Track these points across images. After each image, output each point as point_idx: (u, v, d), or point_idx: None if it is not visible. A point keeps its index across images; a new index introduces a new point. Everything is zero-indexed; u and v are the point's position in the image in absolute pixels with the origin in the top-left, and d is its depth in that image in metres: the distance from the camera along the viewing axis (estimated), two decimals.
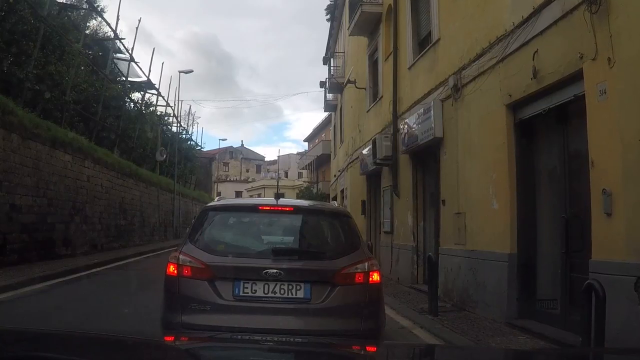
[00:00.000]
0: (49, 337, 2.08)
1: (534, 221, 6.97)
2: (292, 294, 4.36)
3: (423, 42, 11.03)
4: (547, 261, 6.79)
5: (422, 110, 9.99)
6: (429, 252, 10.52)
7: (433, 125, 9.28)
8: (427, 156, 10.56)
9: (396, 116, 11.96)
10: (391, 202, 12.46)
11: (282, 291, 4.36)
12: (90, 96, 20.13)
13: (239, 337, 2.74)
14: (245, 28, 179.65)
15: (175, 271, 4.47)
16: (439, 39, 9.75)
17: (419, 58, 10.85)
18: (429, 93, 10.03)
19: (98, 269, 13.93)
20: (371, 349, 2.54)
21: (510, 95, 7.06)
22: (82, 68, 19.87)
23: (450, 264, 8.67)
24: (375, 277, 4.56)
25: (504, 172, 7.16)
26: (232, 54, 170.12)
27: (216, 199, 6.03)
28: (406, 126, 10.89)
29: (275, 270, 4.32)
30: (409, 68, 11.44)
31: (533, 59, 6.41)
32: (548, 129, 6.81)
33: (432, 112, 9.39)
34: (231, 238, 5.00)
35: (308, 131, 62.80)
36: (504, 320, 6.97)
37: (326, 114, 36.22)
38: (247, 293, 4.35)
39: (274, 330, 3.98)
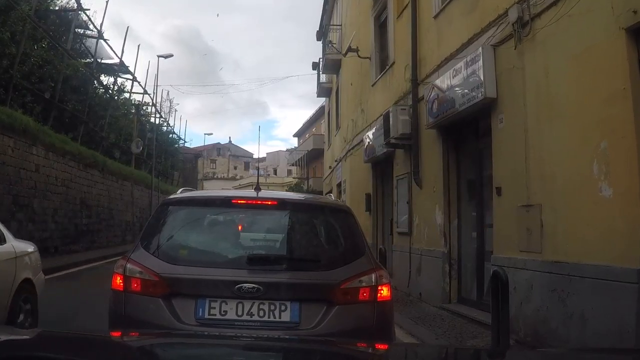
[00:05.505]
0: (49, 337, 2.06)
1: None
2: (274, 317, 3.38)
3: None
4: None
5: (461, 65, 7.25)
6: (467, 260, 7.82)
7: (483, 80, 6.53)
8: (465, 128, 7.82)
9: (416, 82, 9.23)
10: (409, 195, 9.71)
11: (261, 313, 3.38)
12: (48, 74, 17.25)
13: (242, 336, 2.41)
14: (230, 24, 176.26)
15: (122, 285, 3.52)
16: None
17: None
18: (470, 41, 7.31)
19: None
20: (382, 347, 2.36)
21: (636, 12, 4.36)
22: (37, 43, 16.96)
23: (514, 280, 5.93)
24: (385, 292, 3.56)
25: (624, 137, 4.44)
26: (216, 50, 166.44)
27: (179, 190, 4.43)
28: (435, 91, 8.14)
29: (252, 285, 3.36)
30: (435, 17, 8.71)
31: None
32: None
33: (480, 63, 6.65)
34: (196, 241, 3.89)
35: (296, 128, 60.55)
36: None
37: (315, 108, 33.64)
38: (215, 315, 3.38)
39: None
